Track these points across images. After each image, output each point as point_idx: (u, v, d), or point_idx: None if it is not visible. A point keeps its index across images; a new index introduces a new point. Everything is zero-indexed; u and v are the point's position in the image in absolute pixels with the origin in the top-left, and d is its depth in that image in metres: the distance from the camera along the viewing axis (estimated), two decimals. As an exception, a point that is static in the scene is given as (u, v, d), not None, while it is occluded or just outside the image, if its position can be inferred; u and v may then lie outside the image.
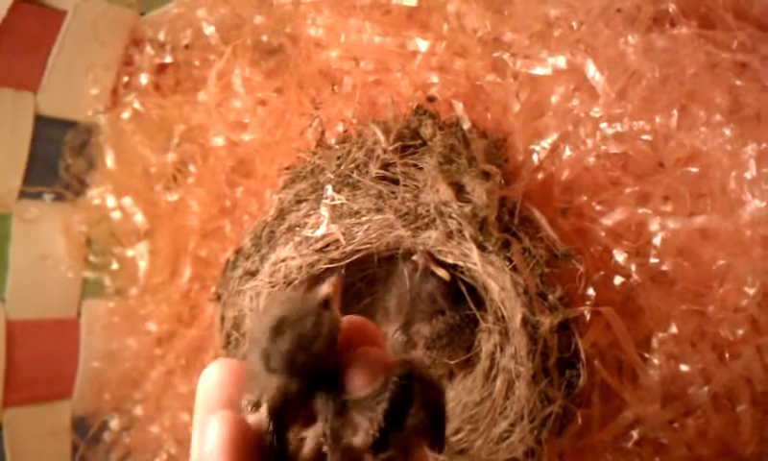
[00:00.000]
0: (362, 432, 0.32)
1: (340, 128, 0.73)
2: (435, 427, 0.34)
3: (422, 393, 0.33)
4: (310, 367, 0.32)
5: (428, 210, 0.61)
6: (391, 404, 0.32)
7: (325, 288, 0.35)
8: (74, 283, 0.87)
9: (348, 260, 0.63)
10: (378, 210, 0.62)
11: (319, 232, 0.62)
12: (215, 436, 0.33)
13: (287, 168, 0.71)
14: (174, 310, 0.84)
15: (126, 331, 0.86)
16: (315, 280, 0.65)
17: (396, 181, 0.63)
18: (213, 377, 0.36)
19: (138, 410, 0.85)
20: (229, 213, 0.82)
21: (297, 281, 0.64)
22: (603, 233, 0.59)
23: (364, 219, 0.62)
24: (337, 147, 0.68)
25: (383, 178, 0.63)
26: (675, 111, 0.57)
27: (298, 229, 0.64)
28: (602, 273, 0.59)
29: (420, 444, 0.33)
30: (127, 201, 0.84)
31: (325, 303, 0.33)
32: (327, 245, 0.63)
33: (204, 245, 0.83)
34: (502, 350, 0.62)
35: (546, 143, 0.60)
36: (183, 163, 0.84)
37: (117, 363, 0.87)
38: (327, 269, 0.64)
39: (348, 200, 0.63)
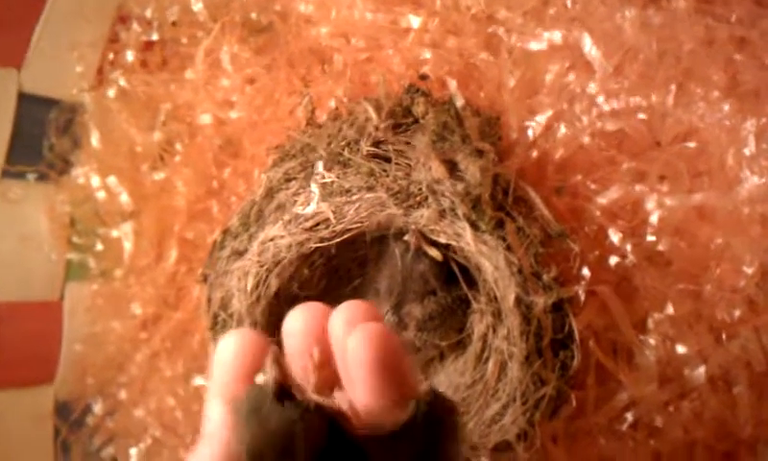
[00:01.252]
0: None
1: (331, 105, 0.71)
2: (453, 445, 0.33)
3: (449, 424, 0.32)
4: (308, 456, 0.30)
5: (420, 189, 0.60)
6: (423, 441, 0.31)
7: (269, 375, 0.32)
8: (57, 265, 0.86)
9: (339, 239, 0.62)
10: (369, 188, 0.61)
11: (309, 210, 0.61)
12: (217, 417, 0.32)
13: (276, 147, 0.70)
14: (159, 293, 0.82)
15: (110, 314, 0.85)
16: (303, 260, 0.64)
17: (387, 160, 0.61)
18: (230, 348, 0.35)
19: (123, 394, 0.83)
20: (217, 194, 0.80)
21: (285, 261, 0.63)
22: (598, 213, 0.58)
23: (355, 197, 0.61)
24: (328, 125, 0.67)
25: (375, 156, 0.62)
26: (672, 88, 0.56)
27: (287, 207, 0.63)
28: (597, 253, 0.58)
29: None
30: (112, 180, 0.82)
31: (279, 392, 0.31)
32: (317, 224, 0.62)
33: (190, 226, 0.81)
34: (495, 331, 0.61)
35: (541, 119, 0.59)
36: (170, 143, 0.82)
37: (101, 347, 0.85)
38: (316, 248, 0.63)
39: (338, 178, 0.62)
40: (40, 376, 0.84)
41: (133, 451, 0.82)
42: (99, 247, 0.84)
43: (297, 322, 0.36)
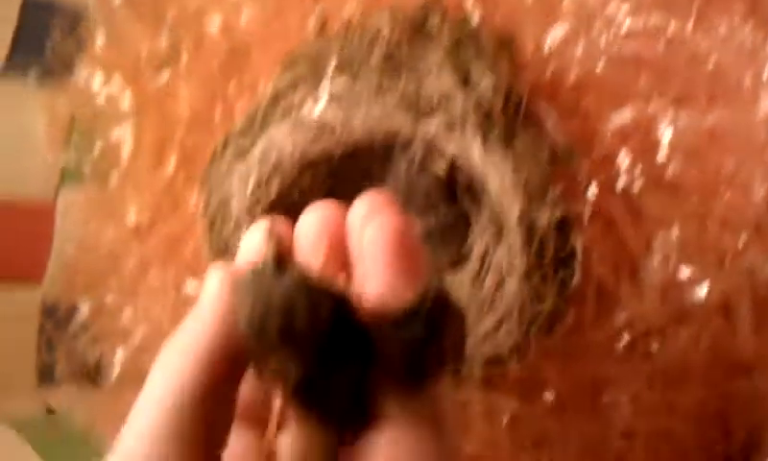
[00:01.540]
0: (394, 355, 0.30)
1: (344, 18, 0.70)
2: (456, 351, 0.33)
3: (452, 318, 0.32)
4: (309, 335, 0.29)
5: (431, 99, 0.59)
6: (426, 328, 0.30)
7: (267, 249, 0.31)
8: (53, 167, 0.85)
9: (344, 147, 0.61)
10: (379, 96, 0.60)
11: (315, 113, 0.60)
12: (215, 288, 0.32)
13: (285, 57, 0.69)
14: (155, 201, 0.82)
15: (103, 219, 0.84)
16: (306, 167, 0.64)
17: (399, 70, 0.61)
18: (256, 237, 0.35)
19: (111, 298, 0.83)
20: (221, 103, 0.79)
21: (288, 166, 0.62)
22: (609, 134, 0.57)
23: (363, 105, 0.61)
24: (339, 36, 0.66)
25: (386, 65, 0.61)
26: (693, 9, 0.55)
27: (293, 112, 0.63)
28: (605, 174, 0.57)
29: (444, 367, 0.32)
30: (114, 83, 0.81)
31: (278, 264, 0.30)
32: (323, 131, 0.61)
33: (191, 135, 0.80)
34: (495, 249, 0.61)
35: (558, 36, 0.58)
36: (176, 48, 0.81)
37: (92, 251, 0.84)
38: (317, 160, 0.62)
39: (347, 86, 0.61)
40: (29, 276, 0.84)
41: (119, 353, 0.81)
42: (97, 149, 0.83)
43: (311, 217, 0.36)
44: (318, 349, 0.30)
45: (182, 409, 0.29)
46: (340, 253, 0.35)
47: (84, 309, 0.84)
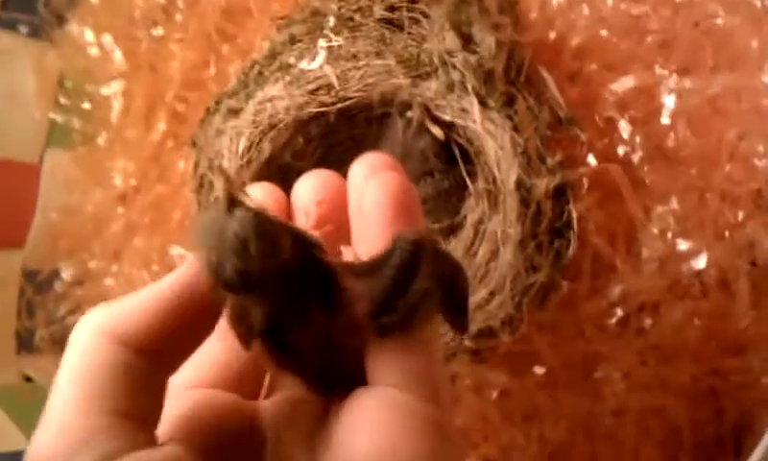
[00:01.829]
0: (364, 301, 0.29)
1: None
2: (453, 304, 0.31)
3: (434, 264, 0.30)
4: (270, 267, 0.28)
5: (431, 58, 0.58)
6: (398, 271, 0.29)
7: (218, 187, 0.30)
8: (40, 126, 0.83)
9: (340, 105, 0.60)
10: (378, 54, 0.59)
11: (313, 66, 0.59)
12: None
13: (283, 17, 0.67)
14: (142, 165, 0.80)
15: (89, 184, 0.82)
16: (300, 127, 0.62)
17: (400, 27, 0.60)
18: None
19: (94, 263, 0.81)
20: (215, 65, 0.78)
21: (281, 125, 0.61)
22: (611, 100, 0.56)
23: (361, 63, 0.59)
24: (339, -5, 0.65)
25: (387, 21, 0.60)
26: None
27: (290, 68, 0.61)
28: (605, 141, 0.56)
29: (427, 318, 0.30)
30: (107, 39, 0.80)
31: (230, 202, 0.28)
32: (319, 87, 0.60)
33: (182, 96, 0.79)
34: (490, 217, 0.59)
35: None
36: (172, 4, 0.79)
37: (76, 216, 0.82)
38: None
39: (346, 41, 0.60)
40: (10, 240, 0.82)
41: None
42: (86, 106, 0.81)
43: (308, 182, 0.35)
44: (281, 291, 0.28)
45: (103, 375, 0.27)
46: (337, 217, 0.34)
47: (67, 275, 0.82)
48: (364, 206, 0.31)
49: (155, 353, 0.28)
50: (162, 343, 0.28)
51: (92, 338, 0.28)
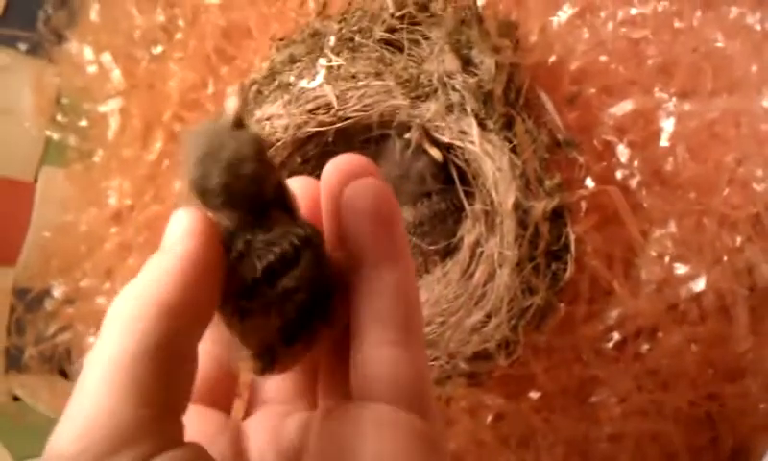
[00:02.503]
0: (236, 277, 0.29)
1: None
2: (325, 318, 0.30)
3: (313, 269, 0.29)
4: (251, 193, 0.28)
5: (431, 80, 0.58)
6: (275, 259, 0.29)
7: (231, 105, 0.30)
8: (36, 143, 0.83)
9: (339, 125, 0.60)
10: (377, 75, 0.59)
11: (312, 85, 0.59)
12: (182, 228, 0.28)
13: (282, 39, 0.68)
14: (138, 184, 0.80)
15: (84, 202, 0.82)
16: (298, 147, 0.62)
17: (400, 48, 0.60)
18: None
19: (86, 282, 0.80)
20: (213, 84, 0.78)
21: (280, 144, 0.61)
22: (610, 123, 0.56)
23: (361, 83, 0.59)
24: (339, 15, 0.66)
25: (387, 42, 0.60)
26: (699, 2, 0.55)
27: (289, 87, 0.61)
28: (604, 164, 0.56)
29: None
30: (106, 57, 0.80)
31: (237, 121, 0.28)
32: (318, 107, 0.60)
33: (180, 117, 0.78)
34: (487, 239, 0.59)
35: (563, 19, 0.58)
36: (172, 23, 0.79)
37: (70, 235, 0.82)
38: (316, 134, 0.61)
39: (346, 62, 0.60)
40: (2, 257, 0.81)
41: (91, 340, 0.79)
42: (83, 123, 0.81)
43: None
44: (248, 223, 0.28)
45: (140, 362, 0.25)
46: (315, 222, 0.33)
47: (58, 293, 0.82)
48: (342, 215, 0.31)
49: (186, 320, 0.27)
50: (191, 306, 0.27)
51: (126, 323, 0.26)
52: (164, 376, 0.26)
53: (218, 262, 0.28)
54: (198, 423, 0.31)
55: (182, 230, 0.28)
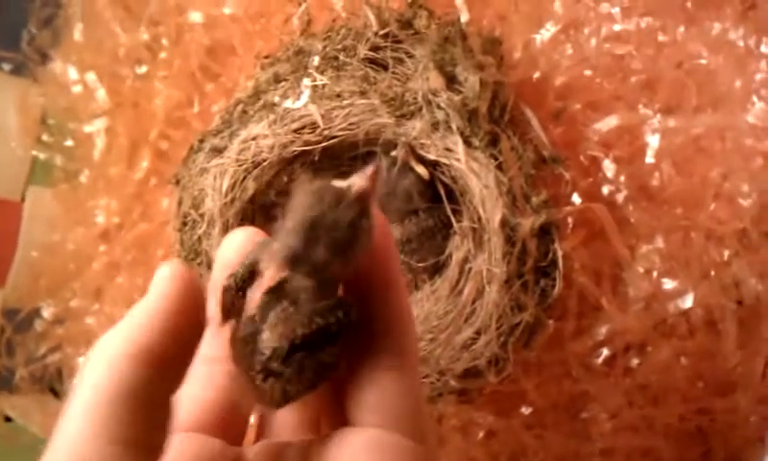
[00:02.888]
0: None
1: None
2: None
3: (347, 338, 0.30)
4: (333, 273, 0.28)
5: (416, 98, 0.58)
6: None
7: (360, 183, 0.29)
8: (23, 163, 0.82)
9: (324, 144, 0.60)
10: (362, 94, 0.59)
11: (298, 104, 0.59)
12: (165, 279, 0.29)
13: (267, 57, 0.67)
14: (125, 203, 0.79)
15: (71, 222, 0.81)
16: (284, 166, 0.62)
17: (384, 67, 0.60)
18: (234, 244, 0.33)
19: (75, 302, 0.80)
20: (198, 105, 0.77)
21: (266, 164, 0.61)
22: (595, 139, 0.56)
23: (346, 102, 0.59)
24: (323, 34, 0.65)
25: (371, 61, 0.60)
26: (688, 5, 0.55)
27: (274, 107, 0.61)
28: (590, 180, 0.56)
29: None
30: (90, 76, 0.79)
31: (361, 201, 0.28)
32: (303, 126, 0.60)
33: (166, 134, 0.78)
34: (475, 256, 0.59)
35: (546, 36, 0.58)
36: (157, 41, 0.79)
37: (58, 255, 0.81)
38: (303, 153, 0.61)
39: (331, 81, 0.60)
40: (-11, 278, 0.81)
41: (81, 361, 0.78)
42: (69, 143, 0.81)
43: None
44: None
45: (117, 402, 0.26)
46: None
47: (47, 313, 0.81)
48: None
49: (164, 365, 0.27)
50: (170, 350, 0.28)
51: (104, 364, 0.27)
52: (139, 413, 0.26)
53: (196, 311, 0.28)
54: (196, 448, 0.31)
55: (165, 282, 0.28)
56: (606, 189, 0.57)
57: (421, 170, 0.60)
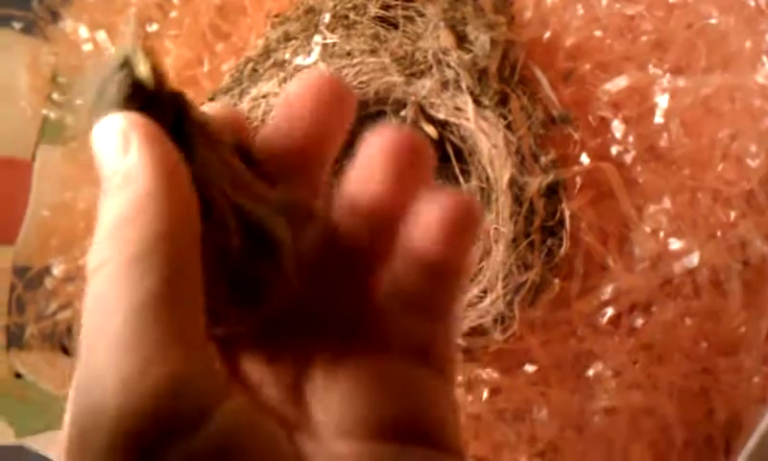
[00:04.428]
0: None
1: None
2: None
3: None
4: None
5: (426, 57, 0.58)
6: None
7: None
8: (32, 122, 0.82)
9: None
10: (372, 52, 0.59)
11: (308, 61, 0.59)
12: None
13: (277, 16, 0.68)
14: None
15: (82, 180, 0.82)
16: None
17: (395, 26, 0.60)
18: None
19: (85, 260, 0.80)
20: (208, 64, 0.77)
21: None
22: (605, 99, 0.57)
23: (356, 60, 0.60)
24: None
25: (382, 19, 0.60)
26: None
27: (285, 65, 0.61)
28: (598, 140, 0.56)
29: None
30: (101, 35, 0.79)
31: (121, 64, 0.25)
32: (313, 85, 0.60)
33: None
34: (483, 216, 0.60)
35: (558, -3, 0.58)
36: (167, 1, 0.79)
37: (69, 213, 0.82)
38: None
39: (341, 39, 0.60)
40: (1, 236, 0.81)
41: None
42: (80, 102, 0.80)
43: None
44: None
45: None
46: None
47: (58, 271, 0.82)
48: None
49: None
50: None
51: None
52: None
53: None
54: None
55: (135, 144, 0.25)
56: (614, 150, 0.57)
57: (430, 130, 0.61)
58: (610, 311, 0.58)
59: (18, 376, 0.80)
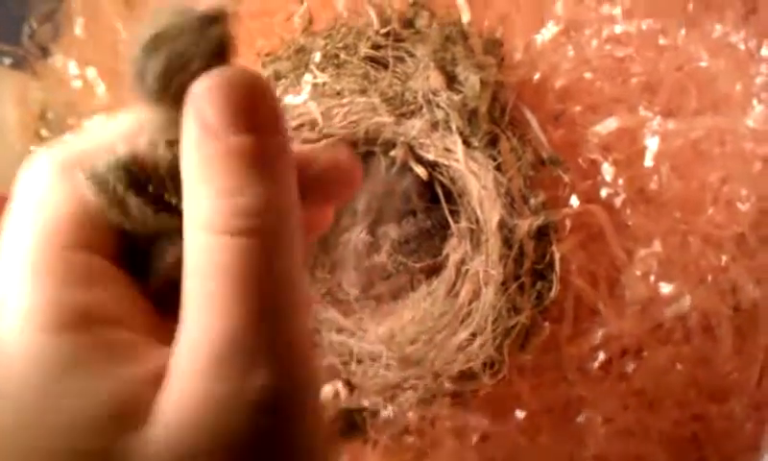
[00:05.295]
0: None
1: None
2: None
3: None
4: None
5: (416, 97, 0.58)
6: None
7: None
8: (21, 157, 0.82)
9: (324, 142, 0.60)
10: (362, 92, 0.59)
11: (298, 100, 0.59)
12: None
13: (268, 54, 0.67)
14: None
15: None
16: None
17: (385, 66, 0.60)
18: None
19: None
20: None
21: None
22: (595, 141, 0.56)
23: (345, 100, 0.59)
24: (325, 32, 0.65)
25: (372, 59, 0.60)
26: (690, 7, 0.55)
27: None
28: (588, 182, 0.56)
29: None
30: (91, 72, 0.79)
31: (212, 18, 0.26)
32: (303, 124, 0.60)
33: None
34: (472, 258, 0.59)
35: (548, 36, 0.58)
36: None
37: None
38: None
39: (331, 78, 0.60)
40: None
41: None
42: (68, 138, 0.80)
43: None
44: None
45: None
46: None
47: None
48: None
49: None
50: None
51: (50, 173, 0.26)
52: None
53: None
54: None
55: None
56: (604, 192, 0.57)
57: (420, 170, 0.60)
58: (600, 356, 0.57)
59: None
